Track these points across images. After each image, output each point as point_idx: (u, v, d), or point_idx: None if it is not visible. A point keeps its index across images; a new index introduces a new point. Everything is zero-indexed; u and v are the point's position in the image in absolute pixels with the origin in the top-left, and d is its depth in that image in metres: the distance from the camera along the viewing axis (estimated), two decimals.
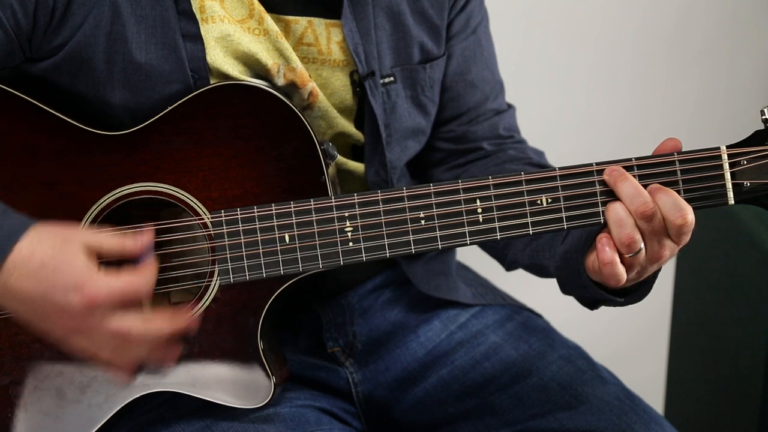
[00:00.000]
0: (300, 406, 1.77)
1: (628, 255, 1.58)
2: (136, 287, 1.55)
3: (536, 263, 1.85)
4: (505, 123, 1.98)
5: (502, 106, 2.00)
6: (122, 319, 1.55)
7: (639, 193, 1.57)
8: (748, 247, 2.36)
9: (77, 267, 1.52)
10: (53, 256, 1.51)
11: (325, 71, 1.78)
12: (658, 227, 1.57)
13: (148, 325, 1.57)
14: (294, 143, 1.65)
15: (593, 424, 1.81)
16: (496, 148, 1.97)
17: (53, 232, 1.54)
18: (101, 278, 1.52)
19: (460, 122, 1.96)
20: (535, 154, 1.97)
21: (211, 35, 1.69)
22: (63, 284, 1.51)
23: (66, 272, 1.51)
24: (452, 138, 1.96)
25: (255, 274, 1.64)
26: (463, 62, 1.92)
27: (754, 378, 2.37)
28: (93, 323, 1.54)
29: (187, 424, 1.72)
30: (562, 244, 1.75)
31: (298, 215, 1.63)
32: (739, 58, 3.04)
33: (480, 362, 1.90)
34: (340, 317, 1.91)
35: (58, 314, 1.53)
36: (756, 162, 1.58)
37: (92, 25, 1.64)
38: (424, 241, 1.63)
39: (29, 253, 1.51)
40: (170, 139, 1.65)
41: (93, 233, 1.58)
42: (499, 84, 2.00)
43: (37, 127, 1.65)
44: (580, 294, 1.76)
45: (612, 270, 1.58)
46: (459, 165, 1.97)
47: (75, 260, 1.52)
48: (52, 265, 1.51)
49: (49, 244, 1.52)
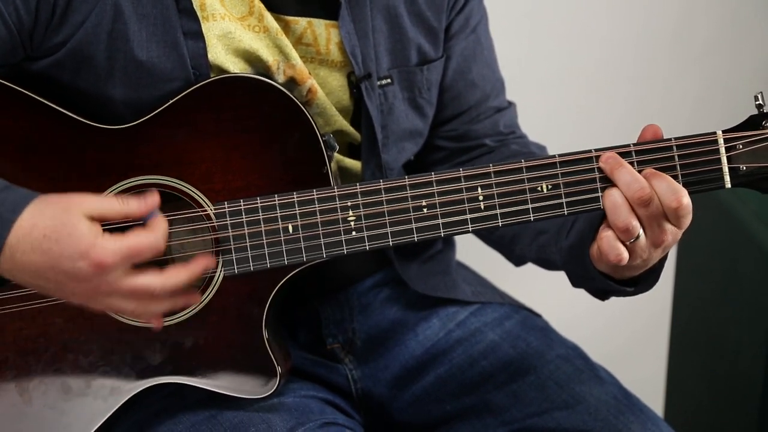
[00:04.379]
0: (304, 396, 1.78)
1: (628, 241, 1.59)
2: (144, 245, 1.54)
3: (543, 258, 1.86)
4: (505, 120, 2.00)
5: (502, 103, 2.01)
6: (138, 276, 1.55)
7: (635, 180, 1.59)
8: (748, 246, 2.37)
9: (80, 234, 1.51)
10: (54, 227, 1.51)
11: (323, 71, 1.79)
12: (656, 212, 1.58)
13: (166, 277, 1.57)
14: (296, 135, 1.66)
15: (590, 423, 1.81)
16: (498, 143, 1.98)
17: (54, 202, 1.54)
18: (106, 241, 1.52)
19: (462, 121, 1.97)
20: (537, 148, 1.98)
21: (212, 33, 1.70)
22: (69, 253, 1.51)
23: (68, 241, 1.51)
24: (454, 137, 1.98)
25: (259, 265, 1.64)
26: (463, 61, 1.94)
27: (754, 378, 2.38)
28: (110, 284, 1.54)
29: (193, 415, 1.72)
30: (567, 239, 1.76)
31: (301, 205, 1.64)
32: (739, 58, 3.05)
33: (478, 360, 1.91)
34: (340, 314, 1.92)
35: (73, 282, 1.53)
36: (751, 146, 1.60)
37: (94, 23, 1.64)
38: (426, 229, 1.64)
39: (30, 226, 1.52)
40: (172, 132, 1.65)
41: (96, 198, 1.58)
42: (499, 82, 2.01)
43: (38, 122, 1.65)
44: (590, 286, 1.77)
45: (608, 243, 1.60)
46: (462, 162, 1.98)
47: (77, 228, 1.52)
48: (54, 236, 1.51)
49: (50, 215, 1.52)
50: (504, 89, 2.02)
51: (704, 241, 2.57)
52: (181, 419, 1.73)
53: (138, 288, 1.55)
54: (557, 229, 1.80)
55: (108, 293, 1.55)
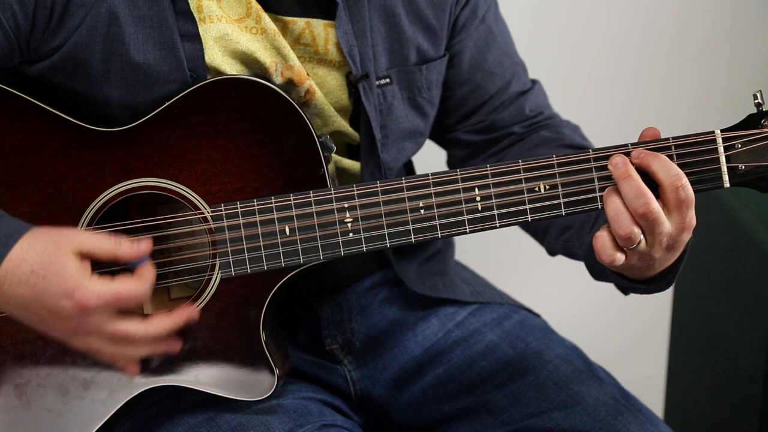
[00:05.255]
0: (302, 398, 1.78)
1: (628, 248, 1.59)
2: (131, 293, 1.57)
3: (570, 252, 1.86)
4: (530, 103, 1.98)
5: (525, 86, 1.99)
6: (120, 322, 1.57)
7: (641, 194, 1.57)
8: (748, 247, 2.36)
9: (68, 273, 1.54)
10: (42, 263, 1.54)
11: (321, 71, 1.79)
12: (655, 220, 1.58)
13: (148, 325, 1.59)
14: (293, 136, 1.66)
15: (589, 423, 1.81)
16: (527, 129, 1.96)
17: (45, 237, 1.56)
18: (93, 284, 1.54)
19: (485, 111, 1.96)
20: (570, 130, 1.96)
21: (209, 35, 1.69)
22: (54, 291, 1.54)
23: (55, 279, 1.54)
24: (480, 129, 1.97)
25: (256, 267, 1.64)
26: (477, 52, 1.92)
27: (754, 378, 2.37)
28: (90, 326, 1.57)
29: (191, 417, 1.72)
30: (590, 234, 1.76)
31: (297, 207, 1.64)
32: (739, 58, 3.05)
33: (477, 361, 1.90)
34: (339, 314, 1.92)
35: (54, 318, 1.56)
36: (750, 145, 1.59)
37: (89, 26, 1.64)
38: (423, 231, 1.64)
39: (19, 260, 1.54)
40: (169, 134, 1.65)
41: (88, 236, 1.59)
42: (519, 65, 1.98)
43: (35, 125, 1.65)
44: (611, 281, 1.76)
45: (601, 243, 1.60)
46: (493, 154, 1.97)
47: (65, 267, 1.54)
48: (42, 272, 1.53)
49: (40, 251, 1.54)
50: (526, 71, 2.00)
51: (704, 241, 2.56)
52: (180, 422, 1.73)
53: (118, 333, 1.58)
54: (580, 224, 1.80)
55: (88, 333, 1.58)
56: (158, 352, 1.64)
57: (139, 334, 1.58)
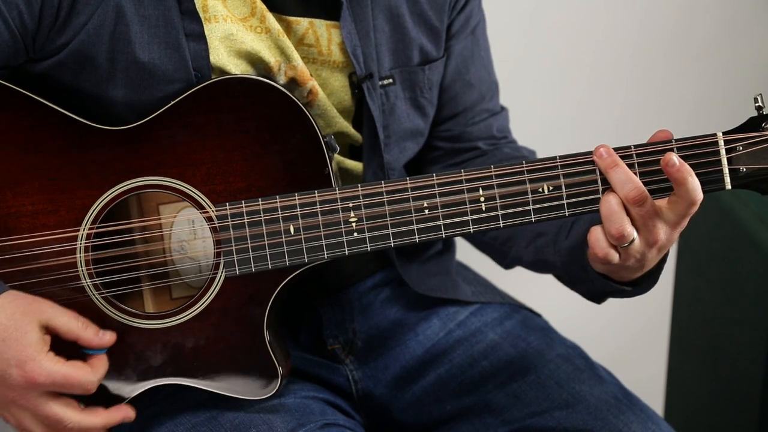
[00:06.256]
0: (304, 398, 1.78)
1: (621, 246, 1.59)
2: (79, 380, 1.58)
3: (541, 260, 1.86)
4: (498, 125, 2.00)
5: (496, 107, 2.01)
6: (58, 406, 1.59)
7: (629, 179, 1.59)
8: (748, 247, 2.36)
9: (26, 343, 1.55)
10: (6, 327, 1.55)
11: (325, 72, 1.80)
12: (650, 211, 1.58)
13: (82, 417, 1.60)
14: (297, 136, 1.66)
15: (590, 422, 1.81)
16: (491, 147, 1.98)
17: (17, 302, 1.58)
18: (46, 361, 1.56)
19: (457, 122, 1.97)
20: (528, 153, 1.99)
21: (214, 35, 1.70)
22: (7, 356, 1.55)
23: (13, 345, 1.55)
24: (449, 137, 1.98)
25: (261, 266, 1.65)
26: (461, 62, 1.94)
27: (754, 378, 2.37)
28: (30, 401, 1.58)
29: (193, 416, 1.73)
30: (567, 240, 1.77)
31: (302, 207, 1.64)
32: (739, 58, 3.05)
33: (478, 360, 1.91)
34: (340, 314, 1.92)
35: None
36: (751, 148, 1.60)
37: (96, 25, 1.64)
38: (428, 230, 1.64)
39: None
40: (173, 133, 1.66)
41: (59, 312, 1.60)
42: (494, 84, 2.01)
43: (39, 123, 1.65)
44: (588, 288, 1.77)
45: (595, 237, 1.60)
46: (455, 164, 1.99)
47: (26, 336, 1.56)
48: (3, 335, 1.55)
49: (9, 314, 1.56)
50: (498, 93, 2.03)
51: (704, 242, 2.57)
52: (182, 420, 1.73)
53: (52, 416, 1.59)
54: (556, 231, 1.81)
55: (22, 407, 1.59)
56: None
57: (72, 423, 1.59)
